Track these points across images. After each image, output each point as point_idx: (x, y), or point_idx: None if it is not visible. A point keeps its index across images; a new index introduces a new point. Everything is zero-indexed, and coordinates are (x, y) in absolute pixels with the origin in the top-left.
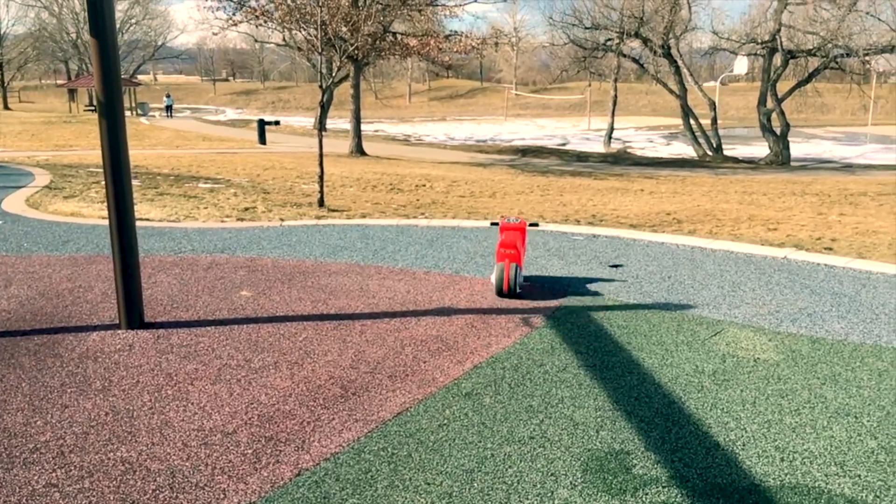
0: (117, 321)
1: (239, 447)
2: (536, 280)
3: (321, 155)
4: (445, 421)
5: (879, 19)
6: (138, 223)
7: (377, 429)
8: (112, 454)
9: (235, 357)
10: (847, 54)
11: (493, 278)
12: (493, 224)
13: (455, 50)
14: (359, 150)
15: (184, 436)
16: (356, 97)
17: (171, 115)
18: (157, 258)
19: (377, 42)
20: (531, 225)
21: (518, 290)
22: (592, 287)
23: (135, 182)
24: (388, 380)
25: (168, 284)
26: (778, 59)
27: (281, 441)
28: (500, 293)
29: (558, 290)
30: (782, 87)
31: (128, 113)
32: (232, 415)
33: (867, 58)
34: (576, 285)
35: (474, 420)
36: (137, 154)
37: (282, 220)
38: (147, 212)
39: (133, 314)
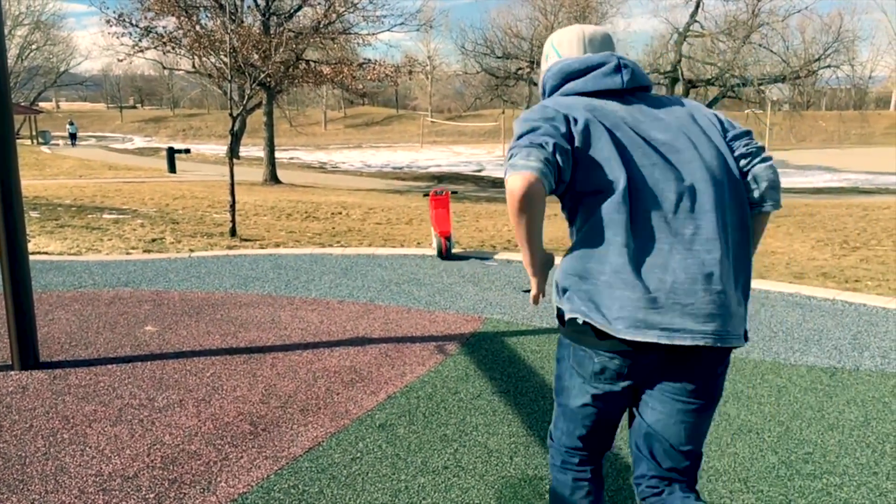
0: (10, 362)
1: (140, 492)
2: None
3: (233, 183)
4: (358, 454)
5: (772, 51)
6: (36, 257)
7: (288, 465)
8: None
9: (138, 396)
10: (743, 84)
11: (434, 246)
12: (424, 195)
13: (369, 78)
14: (273, 178)
15: (80, 482)
16: (269, 125)
17: (76, 144)
18: (55, 294)
19: (290, 69)
20: (452, 193)
21: (452, 253)
22: (506, 313)
23: (33, 213)
24: (300, 414)
25: (67, 321)
26: (680, 89)
27: (185, 483)
28: (440, 255)
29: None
30: None
31: (28, 141)
32: (133, 458)
33: (762, 87)
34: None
35: (388, 452)
36: (37, 184)
37: (191, 250)
38: (46, 245)
39: (27, 354)
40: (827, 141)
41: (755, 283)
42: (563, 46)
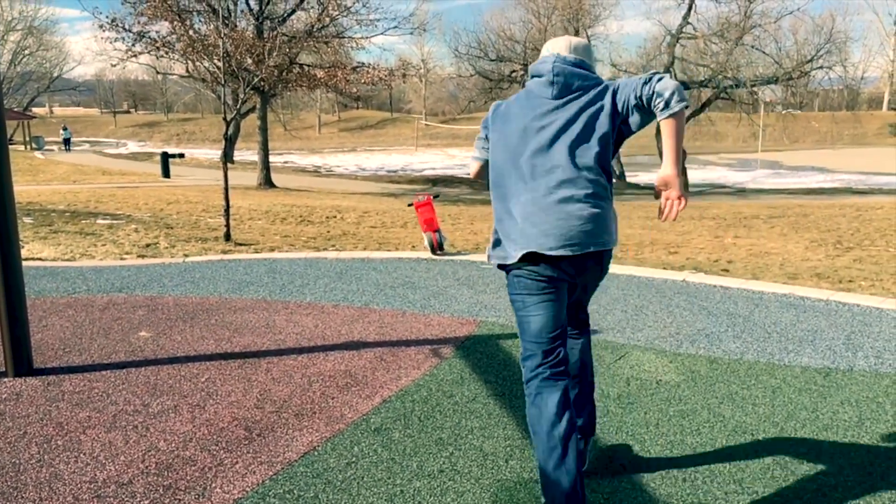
0: (3, 368)
1: (134, 498)
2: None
3: (226, 187)
4: (354, 459)
5: (764, 52)
6: (30, 263)
7: (283, 471)
8: None
9: (132, 402)
10: (736, 85)
11: (426, 244)
12: (409, 205)
13: (363, 81)
14: (267, 182)
15: (74, 489)
16: (263, 129)
17: (70, 149)
18: (48, 300)
19: (284, 73)
20: (435, 197)
21: (443, 247)
22: (501, 316)
23: (27, 219)
24: (295, 418)
25: (60, 327)
26: None
27: (180, 489)
28: (432, 251)
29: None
30: None
31: (22, 147)
32: (127, 464)
33: (754, 88)
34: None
35: (383, 456)
36: (31, 190)
37: (185, 255)
38: (39, 251)
39: (20, 360)
40: (820, 142)
41: (749, 284)
42: (556, 50)
